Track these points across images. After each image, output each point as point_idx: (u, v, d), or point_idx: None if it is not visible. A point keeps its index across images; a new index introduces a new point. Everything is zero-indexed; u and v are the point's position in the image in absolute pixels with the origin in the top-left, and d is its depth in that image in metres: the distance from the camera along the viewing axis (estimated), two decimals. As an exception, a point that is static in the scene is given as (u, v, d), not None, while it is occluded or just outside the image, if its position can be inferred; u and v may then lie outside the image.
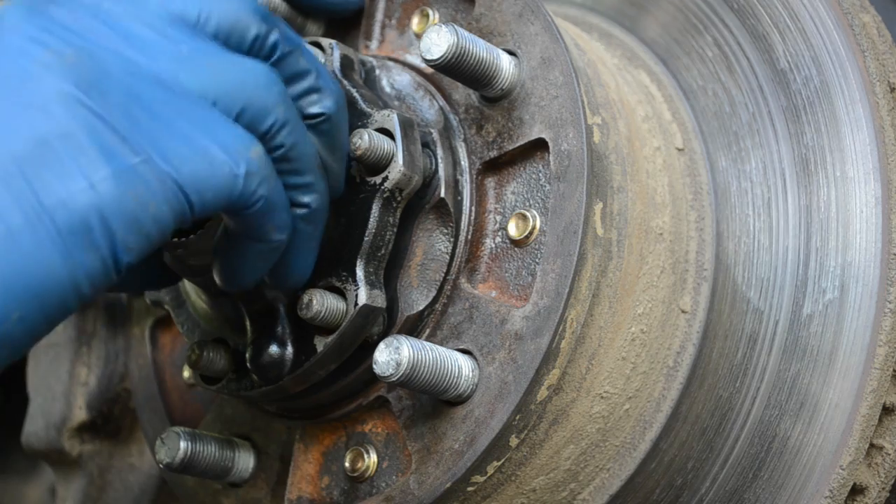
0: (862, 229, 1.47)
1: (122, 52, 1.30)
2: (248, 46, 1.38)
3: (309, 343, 1.48)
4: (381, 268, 1.49)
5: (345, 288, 1.47)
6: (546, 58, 1.48)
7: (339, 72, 1.54)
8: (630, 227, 1.50)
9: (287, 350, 1.50)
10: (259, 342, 1.51)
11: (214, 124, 1.31)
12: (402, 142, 1.47)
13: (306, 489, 1.56)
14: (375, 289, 1.47)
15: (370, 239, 1.47)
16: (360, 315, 1.46)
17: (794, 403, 1.47)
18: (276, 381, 1.50)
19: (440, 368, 1.42)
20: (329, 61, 1.54)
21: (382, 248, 1.48)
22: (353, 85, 1.53)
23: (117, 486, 1.89)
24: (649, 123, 1.59)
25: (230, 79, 1.33)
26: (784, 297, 1.50)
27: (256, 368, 1.51)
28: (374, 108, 1.50)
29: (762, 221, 1.53)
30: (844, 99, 1.51)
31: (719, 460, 1.50)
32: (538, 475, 1.50)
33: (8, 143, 1.23)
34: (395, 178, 1.47)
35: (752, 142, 1.55)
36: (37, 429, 1.88)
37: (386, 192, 1.47)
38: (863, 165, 1.48)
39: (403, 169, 1.47)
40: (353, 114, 1.51)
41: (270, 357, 1.50)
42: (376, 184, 1.47)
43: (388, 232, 1.48)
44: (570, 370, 1.46)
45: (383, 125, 1.48)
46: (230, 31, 1.37)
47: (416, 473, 1.46)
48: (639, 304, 1.51)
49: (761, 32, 1.57)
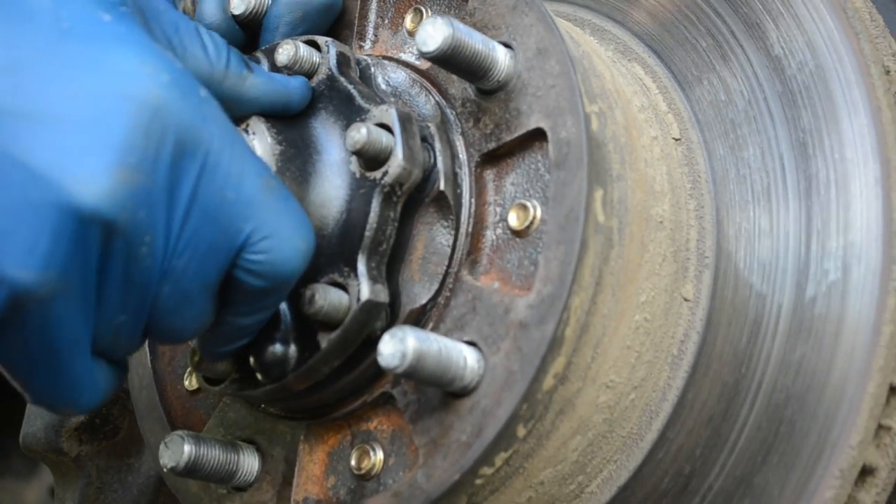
0: (863, 209, 1.47)
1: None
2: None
3: (312, 340, 1.47)
4: (384, 262, 1.48)
5: (347, 283, 1.46)
6: (542, 48, 1.48)
7: (336, 69, 1.54)
8: (630, 215, 1.49)
9: (290, 347, 1.49)
10: (262, 340, 1.50)
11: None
12: (402, 136, 1.47)
13: (312, 490, 1.55)
14: (378, 283, 1.46)
15: (371, 234, 1.47)
16: (363, 310, 1.46)
17: (800, 386, 1.46)
18: (280, 379, 1.49)
19: (445, 359, 1.41)
20: (326, 59, 1.54)
21: (384, 243, 1.48)
22: (349, 81, 1.53)
23: (116, 487, 1.88)
24: (645, 114, 1.59)
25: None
26: (787, 281, 1.49)
27: (260, 367, 1.50)
28: (371, 104, 1.50)
29: (762, 207, 1.53)
30: (840, 82, 1.51)
31: (727, 446, 1.50)
32: (546, 467, 1.49)
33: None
34: (395, 173, 1.46)
35: (749, 129, 1.55)
36: (35, 430, 1.88)
37: (386, 186, 1.47)
38: (861, 147, 1.48)
39: (403, 163, 1.46)
40: (350, 110, 1.51)
41: (274, 355, 1.49)
42: (376, 179, 1.47)
43: (389, 227, 1.48)
44: (576, 359, 1.46)
45: (381, 120, 1.48)
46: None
47: (423, 467, 1.45)
48: (642, 292, 1.50)
49: (754, 20, 1.57)
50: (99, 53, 1.34)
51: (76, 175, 1.29)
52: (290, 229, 1.41)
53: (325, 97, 1.54)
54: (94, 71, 1.33)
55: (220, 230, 1.38)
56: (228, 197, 1.38)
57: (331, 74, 1.54)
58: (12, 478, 2.25)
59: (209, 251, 1.38)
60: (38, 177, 1.29)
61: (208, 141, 1.37)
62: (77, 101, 1.31)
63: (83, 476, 1.88)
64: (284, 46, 1.55)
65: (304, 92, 1.54)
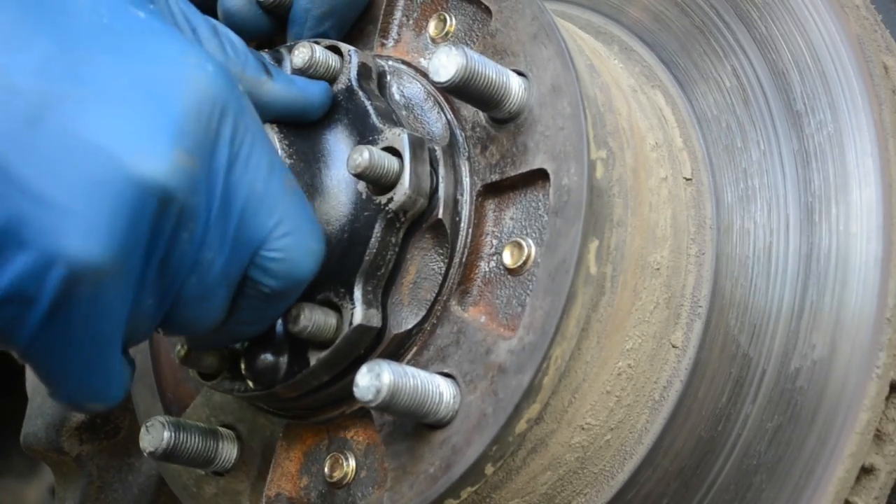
0: (859, 289, 1.45)
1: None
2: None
3: (303, 355, 1.49)
4: (380, 287, 1.49)
5: (341, 305, 1.47)
6: (556, 85, 1.46)
7: (356, 81, 1.52)
8: (626, 262, 1.49)
9: (281, 358, 1.51)
10: (255, 347, 1.52)
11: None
12: (411, 163, 1.46)
13: (286, 486, 1.58)
14: (372, 308, 1.47)
15: (370, 258, 1.47)
16: (354, 333, 1.47)
17: (771, 456, 1.46)
18: (269, 388, 1.51)
19: (420, 394, 1.42)
20: (347, 69, 1.53)
21: (382, 268, 1.48)
22: (367, 96, 1.52)
23: (116, 487, 1.90)
24: (658, 152, 1.56)
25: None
26: (774, 348, 1.49)
27: (251, 373, 1.52)
28: (386, 125, 1.49)
29: (761, 266, 1.51)
30: (856, 150, 1.48)
31: (695, 501, 1.51)
32: (513, 498, 1.51)
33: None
34: (399, 200, 1.46)
35: (760, 182, 1.53)
36: (36, 429, 1.88)
37: (390, 213, 1.46)
38: (867, 223, 1.46)
39: (409, 192, 1.46)
40: (364, 127, 1.50)
41: (265, 363, 1.51)
42: (381, 203, 1.47)
43: (389, 252, 1.48)
44: (553, 402, 1.46)
45: (392, 144, 1.47)
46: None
47: (390, 491, 1.47)
48: (628, 339, 1.50)
49: (781, 69, 1.54)
50: (143, 44, 1.35)
51: (141, 151, 1.30)
52: (308, 229, 1.42)
53: (342, 109, 1.53)
54: (143, 59, 1.34)
55: (246, 223, 1.38)
56: (257, 190, 1.38)
57: (350, 86, 1.53)
58: (13, 477, 2.28)
59: (235, 244, 1.39)
60: (101, 152, 1.29)
61: (249, 131, 1.37)
62: (133, 85, 1.32)
63: (84, 476, 1.89)
64: (301, 49, 1.54)
65: (324, 100, 1.53)
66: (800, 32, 1.54)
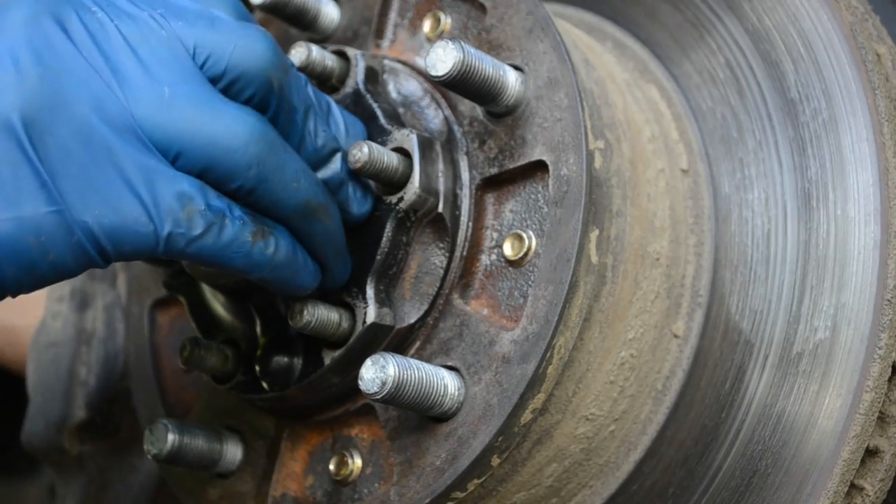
0: (858, 271, 1.46)
1: (94, 84, 1.29)
2: (247, 98, 1.37)
3: (318, 355, 1.50)
4: (392, 285, 1.50)
5: (354, 304, 1.48)
6: (553, 78, 1.47)
7: (363, 84, 1.54)
8: (626, 252, 1.49)
9: (296, 360, 1.51)
10: (269, 349, 1.53)
11: (157, 178, 1.30)
12: (420, 163, 1.47)
13: (291, 487, 1.58)
14: (384, 307, 1.48)
15: (382, 258, 1.48)
16: (368, 332, 1.48)
17: (777, 441, 1.47)
18: (283, 389, 1.52)
19: (425, 387, 1.43)
20: (354, 72, 1.54)
21: (394, 267, 1.49)
22: (374, 99, 1.53)
23: (117, 486, 1.90)
24: (655, 144, 1.57)
25: (201, 134, 1.32)
26: (776, 333, 1.49)
27: (265, 375, 1.53)
28: (394, 126, 1.51)
29: (760, 253, 1.52)
30: (851, 136, 1.49)
31: (700, 489, 1.51)
32: (519, 490, 1.51)
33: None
34: (410, 200, 1.47)
35: (757, 170, 1.54)
36: (36, 428, 1.88)
37: (401, 212, 1.48)
38: (864, 206, 1.47)
39: (419, 191, 1.47)
40: (372, 129, 1.51)
41: (279, 365, 1.52)
42: (392, 203, 1.48)
43: (400, 251, 1.49)
44: (557, 392, 1.47)
45: (402, 144, 1.48)
46: (234, 80, 1.36)
47: (396, 486, 1.48)
48: (630, 329, 1.51)
49: (774, 59, 1.55)
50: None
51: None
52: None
53: (350, 112, 1.54)
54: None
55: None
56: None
57: (357, 90, 1.54)
58: (14, 476, 2.27)
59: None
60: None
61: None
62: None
63: (84, 475, 1.90)
64: (297, 48, 1.54)
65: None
66: (792, 23, 1.55)
